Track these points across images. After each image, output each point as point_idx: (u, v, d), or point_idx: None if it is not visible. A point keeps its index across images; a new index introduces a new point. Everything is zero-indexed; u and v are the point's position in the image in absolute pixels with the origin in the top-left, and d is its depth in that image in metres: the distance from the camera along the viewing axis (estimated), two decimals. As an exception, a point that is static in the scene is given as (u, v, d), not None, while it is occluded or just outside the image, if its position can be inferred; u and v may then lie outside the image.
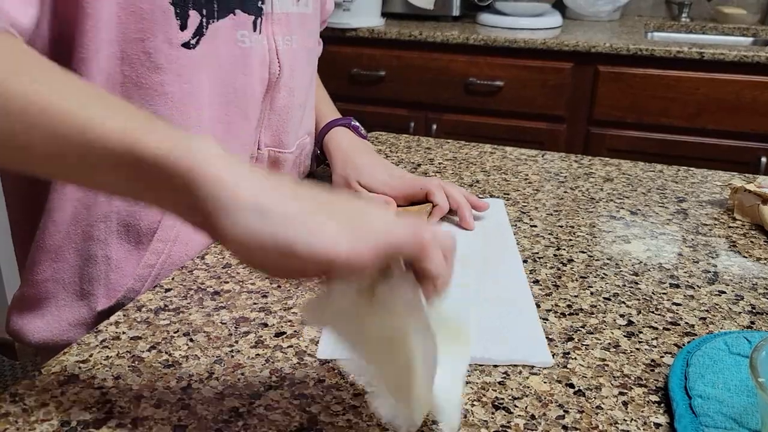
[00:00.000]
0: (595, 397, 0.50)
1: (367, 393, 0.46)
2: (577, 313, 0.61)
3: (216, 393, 0.49)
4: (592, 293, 0.65)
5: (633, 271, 0.69)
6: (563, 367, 0.53)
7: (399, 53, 2.04)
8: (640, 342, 0.57)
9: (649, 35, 2.27)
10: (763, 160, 1.81)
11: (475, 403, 0.49)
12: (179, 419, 0.46)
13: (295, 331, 0.57)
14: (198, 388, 0.50)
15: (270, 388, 0.50)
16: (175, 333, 0.56)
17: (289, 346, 0.55)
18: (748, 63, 1.78)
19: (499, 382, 0.51)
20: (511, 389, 0.50)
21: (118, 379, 0.50)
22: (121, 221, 0.67)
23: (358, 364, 0.43)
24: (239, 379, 0.51)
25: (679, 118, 1.87)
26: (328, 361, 0.53)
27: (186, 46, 0.63)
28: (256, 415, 0.47)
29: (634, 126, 1.92)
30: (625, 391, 0.51)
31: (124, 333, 0.56)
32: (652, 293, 0.65)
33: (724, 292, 0.66)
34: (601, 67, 1.89)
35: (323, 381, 0.51)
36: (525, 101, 1.98)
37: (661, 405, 0.49)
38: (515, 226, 0.80)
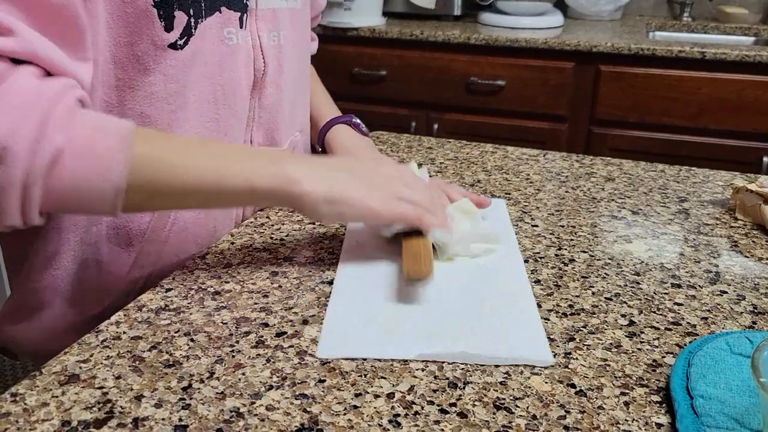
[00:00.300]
0: (596, 398, 0.50)
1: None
2: (578, 313, 0.61)
3: (217, 393, 0.49)
4: (593, 293, 0.65)
5: (634, 271, 0.69)
6: (564, 367, 0.53)
7: (400, 53, 2.04)
8: (641, 342, 0.57)
9: (650, 35, 2.27)
10: (764, 159, 1.81)
11: (476, 403, 0.49)
12: (180, 419, 0.46)
13: (296, 331, 0.57)
14: (199, 388, 0.50)
15: (271, 388, 0.50)
16: (175, 333, 0.56)
17: (289, 346, 0.55)
18: (750, 63, 1.78)
19: (501, 383, 0.51)
20: (513, 389, 0.50)
21: (119, 378, 0.50)
22: (111, 224, 0.67)
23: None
24: (240, 379, 0.51)
25: (680, 118, 1.87)
26: (329, 361, 0.53)
27: (173, 47, 0.63)
28: (256, 415, 0.47)
29: (635, 126, 1.92)
30: (627, 391, 0.51)
31: (124, 333, 0.56)
32: (654, 293, 0.65)
33: (725, 292, 0.66)
34: (603, 66, 1.89)
35: (324, 381, 0.51)
36: (526, 101, 1.98)
37: (663, 405, 0.49)
38: (516, 225, 0.79)
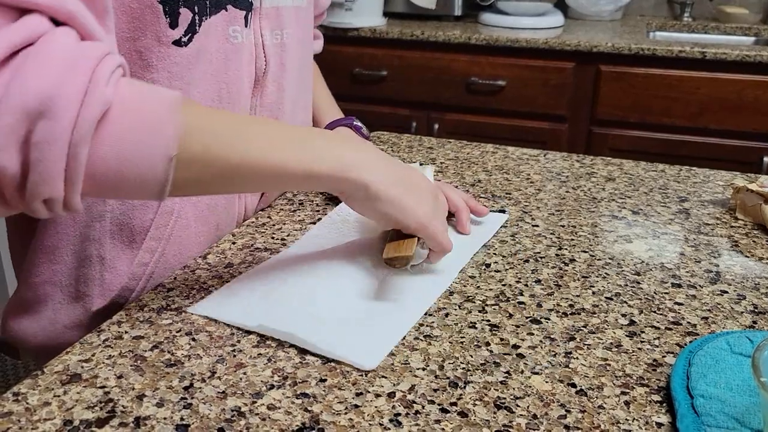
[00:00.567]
0: (597, 397, 0.50)
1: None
2: (578, 313, 0.61)
3: (218, 392, 0.49)
4: (593, 293, 0.65)
5: (635, 271, 0.69)
6: (565, 366, 0.53)
7: (401, 53, 2.05)
8: (642, 342, 0.57)
9: (651, 35, 2.27)
10: (765, 159, 1.81)
11: (477, 402, 0.49)
12: (181, 418, 0.47)
13: (297, 330, 0.57)
14: (200, 388, 0.50)
15: (272, 387, 0.50)
16: (177, 332, 0.56)
17: (290, 346, 0.55)
18: (750, 62, 1.78)
19: (501, 382, 0.51)
20: (513, 389, 0.50)
21: (121, 378, 0.50)
22: (115, 220, 0.67)
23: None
24: (241, 379, 0.51)
25: (681, 118, 1.87)
26: (330, 361, 0.53)
27: (177, 44, 0.63)
28: (258, 414, 0.47)
29: (636, 126, 1.92)
30: (627, 390, 0.51)
31: (126, 332, 0.56)
32: (654, 293, 0.65)
33: (726, 292, 0.66)
34: (603, 66, 1.89)
35: (325, 380, 0.51)
36: (527, 101, 1.98)
37: (663, 405, 0.49)
38: (517, 225, 0.79)
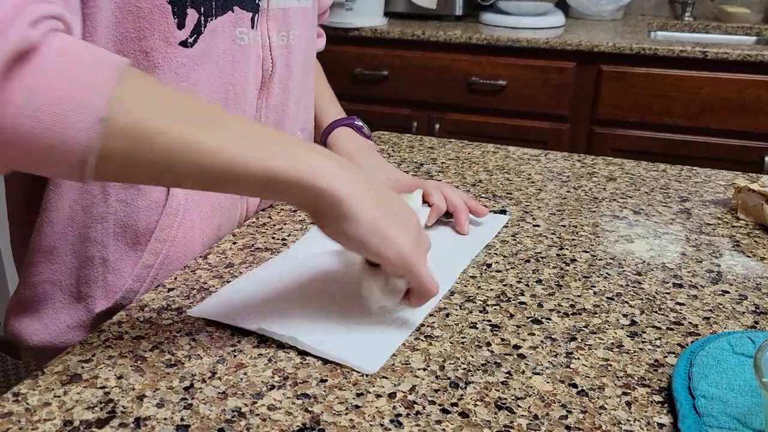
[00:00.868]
0: (598, 397, 0.50)
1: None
2: (579, 313, 0.61)
3: (219, 393, 0.49)
4: (595, 293, 0.65)
5: (636, 271, 0.69)
6: (566, 367, 0.53)
7: (402, 53, 2.04)
8: (643, 342, 0.57)
9: (652, 34, 2.27)
10: (766, 159, 1.81)
11: (477, 402, 0.49)
12: (182, 419, 0.46)
13: (298, 330, 0.57)
14: (200, 388, 0.50)
15: (272, 387, 0.50)
16: (177, 332, 0.56)
17: (291, 346, 0.55)
18: (752, 62, 1.78)
19: (502, 382, 0.51)
20: (514, 389, 0.50)
21: (121, 378, 0.50)
22: (118, 222, 0.66)
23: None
24: (242, 379, 0.51)
25: (682, 118, 1.87)
26: (331, 361, 0.53)
27: (183, 44, 0.63)
28: (258, 414, 0.47)
29: (637, 125, 1.92)
30: (629, 391, 0.51)
31: (126, 332, 0.56)
32: (656, 293, 0.65)
33: (727, 292, 0.66)
34: (604, 66, 1.89)
35: (326, 381, 0.51)
36: (528, 101, 1.98)
37: (665, 405, 0.49)
38: (518, 225, 0.79)
